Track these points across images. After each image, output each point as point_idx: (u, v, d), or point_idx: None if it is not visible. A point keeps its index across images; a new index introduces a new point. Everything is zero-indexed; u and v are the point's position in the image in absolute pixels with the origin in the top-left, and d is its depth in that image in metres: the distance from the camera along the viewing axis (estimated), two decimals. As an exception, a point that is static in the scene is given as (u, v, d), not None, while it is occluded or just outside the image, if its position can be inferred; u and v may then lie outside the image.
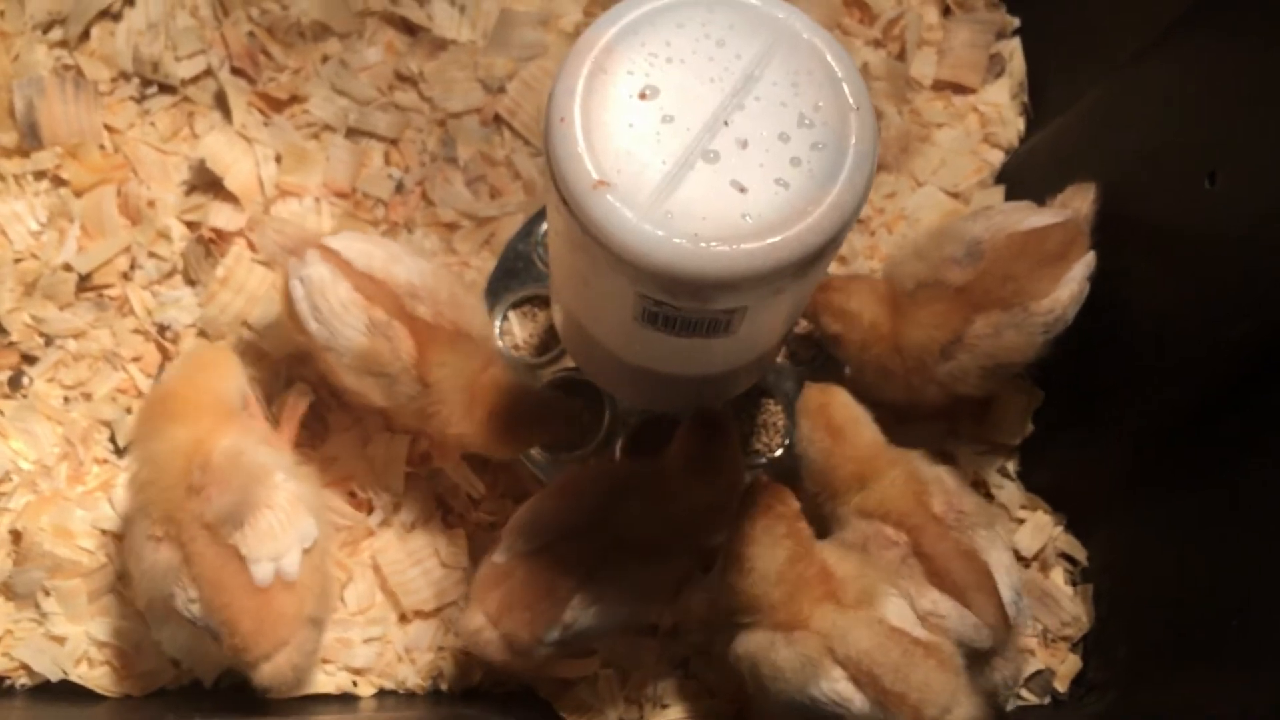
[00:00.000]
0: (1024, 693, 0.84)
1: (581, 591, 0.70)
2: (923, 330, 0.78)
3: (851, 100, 0.55)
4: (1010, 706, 0.83)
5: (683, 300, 0.54)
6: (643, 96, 0.54)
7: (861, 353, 0.81)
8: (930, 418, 0.87)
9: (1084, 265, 0.77)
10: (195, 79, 0.95)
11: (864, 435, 0.78)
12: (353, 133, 0.94)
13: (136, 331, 0.90)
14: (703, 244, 0.52)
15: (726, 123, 0.54)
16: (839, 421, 0.78)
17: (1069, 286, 0.76)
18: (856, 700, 0.67)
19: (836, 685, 0.67)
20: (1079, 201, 0.79)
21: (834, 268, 0.92)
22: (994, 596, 0.73)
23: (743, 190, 0.53)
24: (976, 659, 0.73)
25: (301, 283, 0.75)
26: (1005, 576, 0.74)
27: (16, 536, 0.83)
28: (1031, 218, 0.78)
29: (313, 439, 0.87)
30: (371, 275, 0.75)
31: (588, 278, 0.59)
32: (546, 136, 0.54)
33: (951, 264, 0.78)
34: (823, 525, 0.78)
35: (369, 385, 0.76)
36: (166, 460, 0.71)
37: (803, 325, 0.86)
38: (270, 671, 0.71)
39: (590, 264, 0.56)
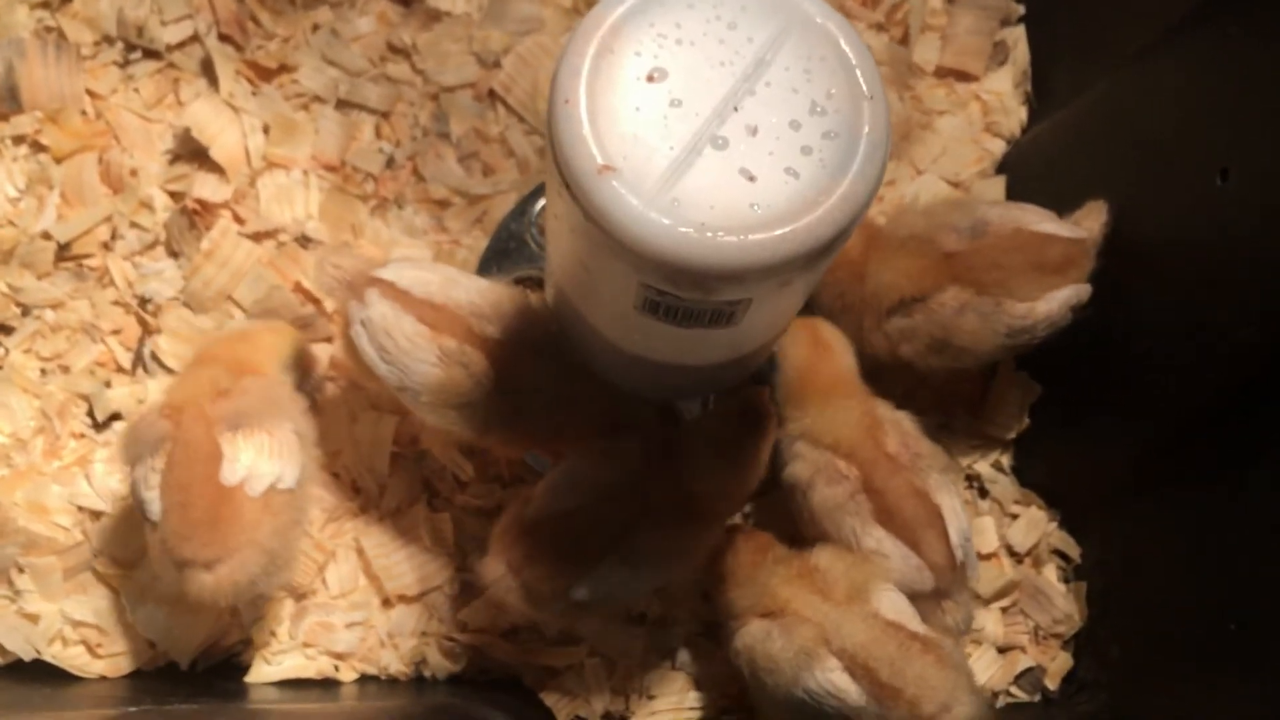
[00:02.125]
0: (1014, 689, 0.83)
1: (612, 553, 0.68)
2: (893, 274, 0.78)
3: (865, 88, 0.53)
4: (1000, 704, 0.83)
5: (686, 291, 0.53)
6: (650, 79, 0.52)
7: (829, 277, 0.81)
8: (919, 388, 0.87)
9: (1074, 291, 0.76)
10: (181, 45, 0.92)
11: (844, 358, 0.78)
12: (343, 104, 0.92)
13: (117, 303, 0.87)
14: (709, 234, 0.50)
15: (736, 108, 0.52)
16: (825, 338, 0.79)
17: (1050, 304, 0.76)
18: (853, 692, 0.66)
19: (831, 675, 0.66)
20: (1092, 221, 0.77)
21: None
22: (942, 536, 0.72)
23: (752, 179, 0.51)
24: (925, 602, 0.72)
25: (364, 326, 0.71)
26: (955, 520, 0.73)
27: (-10, 512, 0.81)
28: (1047, 224, 0.77)
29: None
30: (432, 302, 0.71)
31: (587, 264, 0.57)
32: (550, 118, 0.52)
33: (950, 230, 0.78)
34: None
35: (452, 418, 0.72)
36: (203, 373, 0.72)
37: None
38: (209, 583, 0.67)
39: (591, 250, 0.54)
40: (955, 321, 0.77)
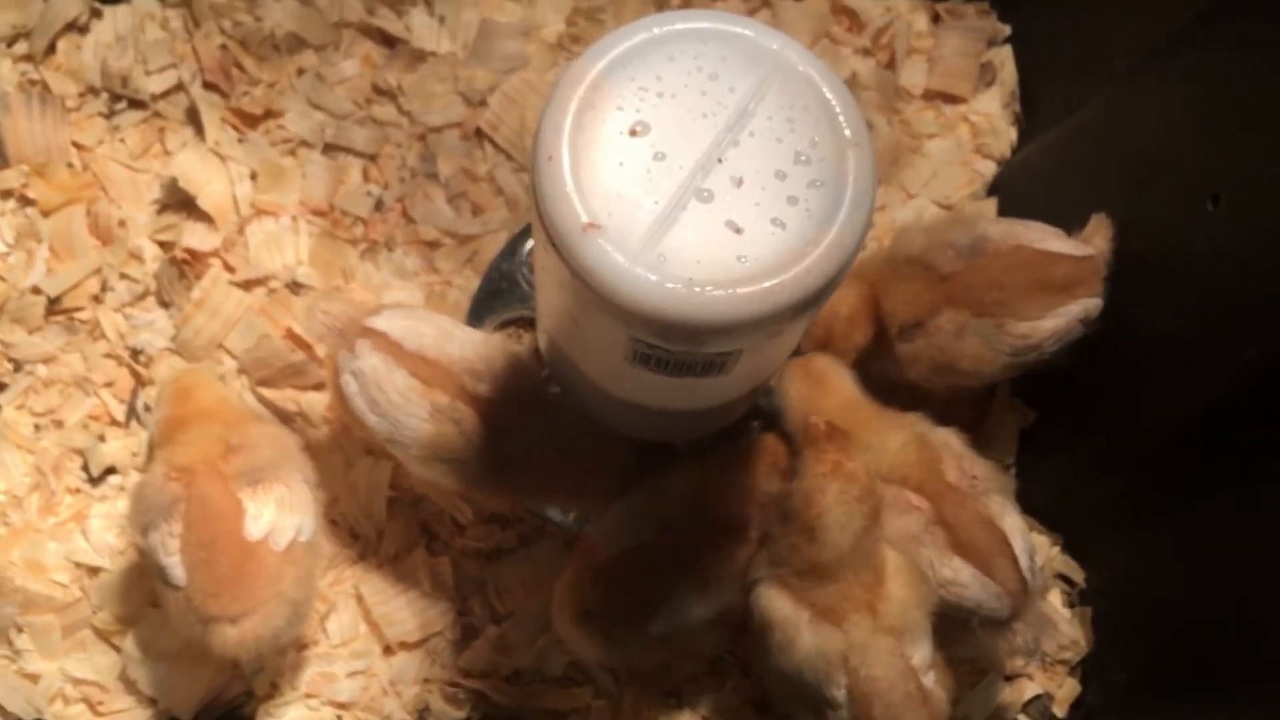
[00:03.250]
0: (1022, 718, 0.83)
1: (683, 581, 0.68)
2: (892, 302, 0.77)
3: (849, 134, 0.53)
4: (1009, 732, 0.82)
5: (676, 344, 0.52)
6: (633, 133, 0.52)
7: (847, 342, 0.80)
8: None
9: (1082, 306, 0.75)
10: (166, 94, 0.92)
11: (843, 387, 0.77)
12: (330, 148, 0.91)
13: (109, 356, 0.87)
14: (697, 289, 0.50)
15: (721, 160, 0.52)
16: (818, 370, 0.77)
17: (1056, 320, 0.74)
18: (844, 712, 0.66)
19: (835, 691, 0.66)
20: (1099, 238, 0.76)
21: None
22: (1013, 563, 0.71)
23: (738, 231, 0.51)
24: (997, 626, 0.71)
25: (354, 377, 0.71)
26: (1020, 542, 0.71)
27: (-13, 572, 0.80)
28: (1052, 242, 0.76)
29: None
30: (424, 357, 0.70)
31: (576, 318, 0.57)
32: (533, 176, 0.52)
33: (948, 249, 0.76)
34: None
35: (441, 472, 0.72)
36: (208, 430, 0.73)
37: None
38: (234, 637, 0.68)
39: (579, 305, 0.54)
40: (956, 345, 0.76)
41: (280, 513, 0.70)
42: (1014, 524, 0.72)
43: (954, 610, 0.71)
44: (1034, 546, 0.73)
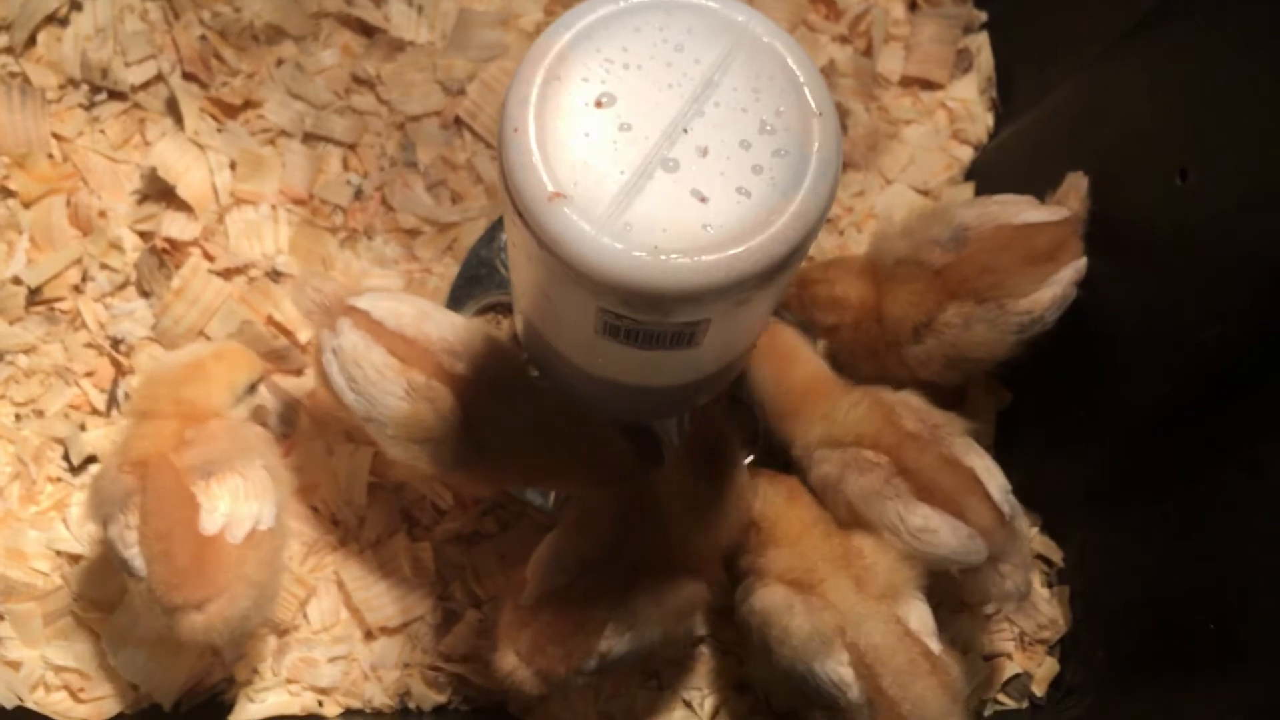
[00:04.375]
0: (1001, 697, 0.83)
1: (613, 620, 0.68)
2: (898, 307, 0.77)
3: (814, 105, 0.53)
4: (989, 711, 0.83)
5: (643, 313, 0.53)
6: (599, 104, 0.52)
7: (856, 332, 0.80)
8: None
9: (1073, 270, 0.75)
10: (146, 85, 0.92)
11: (810, 361, 0.78)
12: (309, 138, 0.92)
13: (89, 346, 0.87)
14: (663, 256, 0.50)
15: (686, 130, 0.52)
16: (783, 347, 0.78)
17: (1052, 289, 0.74)
18: (854, 689, 0.66)
19: (839, 668, 0.66)
20: (1074, 198, 0.77)
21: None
22: (984, 498, 0.70)
23: (703, 200, 0.51)
24: (983, 571, 0.71)
25: (335, 354, 0.71)
26: (992, 477, 0.71)
27: (-33, 560, 0.81)
28: (1027, 212, 0.76)
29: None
30: (404, 335, 0.70)
31: (547, 290, 0.57)
32: (500, 147, 0.52)
33: (933, 245, 0.77)
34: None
35: (415, 453, 0.71)
36: (162, 425, 0.71)
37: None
38: (201, 623, 0.67)
39: (549, 277, 0.54)
40: (964, 336, 0.76)
41: (236, 504, 0.69)
42: (982, 463, 0.72)
43: (933, 562, 0.70)
44: (1007, 482, 0.72)
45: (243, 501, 0.70)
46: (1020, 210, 0.77)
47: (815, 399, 0.76)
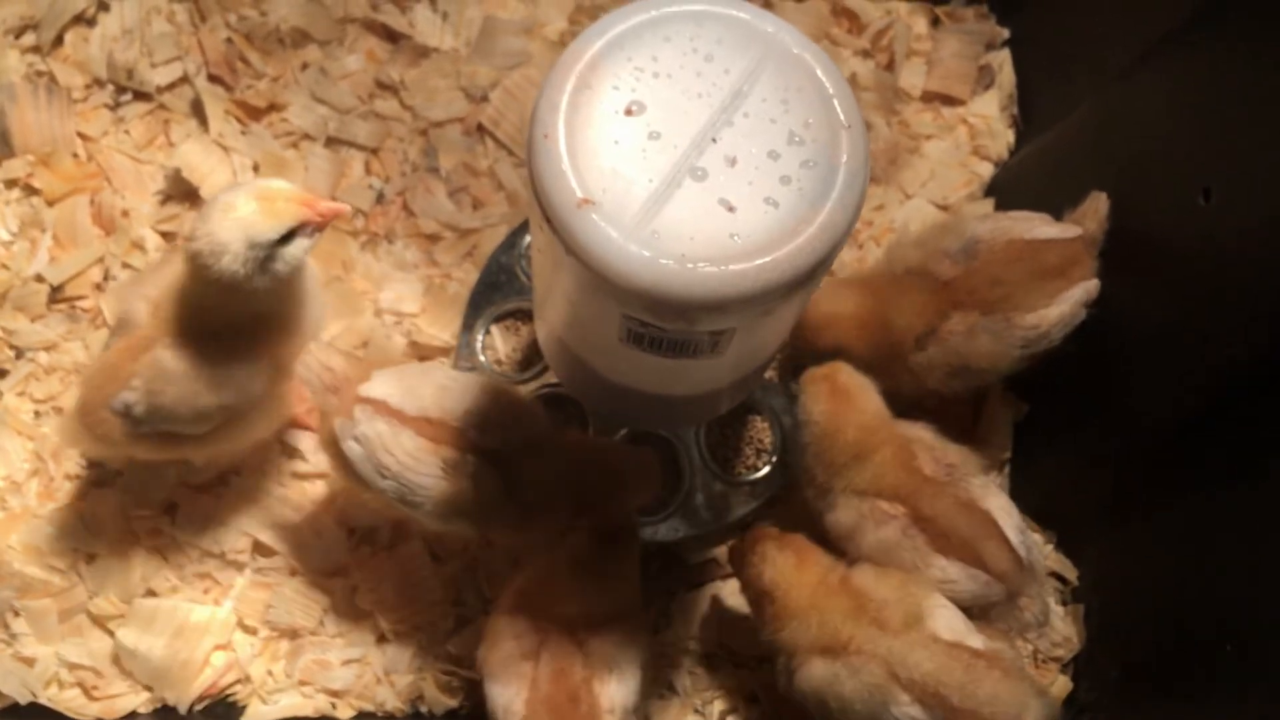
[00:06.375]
0: (1014, 714, 0.83)
1: (595, 677, 0.68)
2: (904, 317, 0.78)
3: (843, 117, 0.53)
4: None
5: (669, 322, 0.53)
6: (629, 112, 0.53)
7: (864, 345, 0.80)
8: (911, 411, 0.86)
9: (1083, 290, 0.75)
10: (171, 86, 0.93)
11: (871, 402, 0.76)
12: (332, 142, 0.92)
13: (110, 344, 0.87)
14: (690, 265, 0.50)
15: (715, 139, 0.52)
16: (845, 386, 0.76)
17: (1061, 306, 0.75)
18: (929, 718, 0.66)
19: (908, 710, 0.66)
20: (1091, 218, 0.77)
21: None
22: (1003, 542, 0.71)
23: (731, 209, 0.51)
24: (1001, 605, 0.71)
25: (359, 442, 0.69)
26: (1007, 519, 0.72)
27: (-15, 555, 0.81)
28: (1040, 228, 0.76)
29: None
30: (427, 417, 0.69)
31: (571, 297, 0.57)
32: (530, 153, 0.52)
33: (944, 256, 0.77)
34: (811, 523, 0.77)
35: (459, 525, 0.71)
36: None
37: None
38: None
39: (574, 283, 0.55)
40: (968, 346, 0.76)
41: None
42: (998, 503, 0.72)
43: (955, 602, 0.70)
44: (1022, 520, 0.73)
45: None
46: (1033, 226, 0.77)
47: (862, 449, 0.74)
